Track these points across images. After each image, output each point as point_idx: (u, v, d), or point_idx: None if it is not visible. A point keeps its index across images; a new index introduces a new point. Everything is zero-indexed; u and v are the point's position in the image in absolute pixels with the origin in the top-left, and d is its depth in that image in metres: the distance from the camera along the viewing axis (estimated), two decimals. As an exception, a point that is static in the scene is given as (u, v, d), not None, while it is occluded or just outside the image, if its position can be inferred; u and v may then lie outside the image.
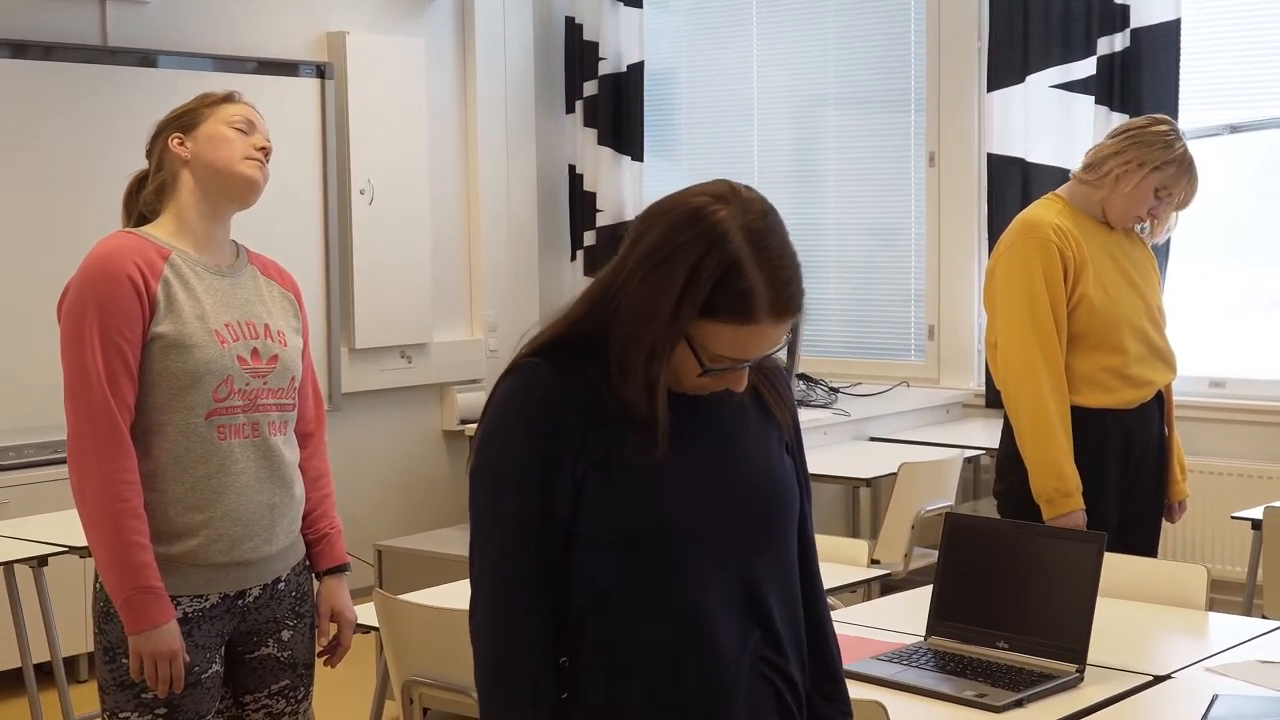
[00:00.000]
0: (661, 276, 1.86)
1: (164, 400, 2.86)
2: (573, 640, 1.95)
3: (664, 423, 1.89)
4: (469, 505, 2.00)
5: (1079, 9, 6.19)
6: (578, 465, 1.91)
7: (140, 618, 2.81)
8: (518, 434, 1.92)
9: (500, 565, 1.94)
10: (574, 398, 1.92)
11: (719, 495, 1.96)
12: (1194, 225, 6.09)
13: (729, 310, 1.85)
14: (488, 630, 1.95)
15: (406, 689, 3.26)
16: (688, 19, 7.66)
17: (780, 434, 2.06)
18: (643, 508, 1.91)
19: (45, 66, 5.78)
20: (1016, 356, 3.93)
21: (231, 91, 3.05)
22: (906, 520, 5.14)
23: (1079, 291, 3.93)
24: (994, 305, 4.03)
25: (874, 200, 7.05)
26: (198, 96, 3.04)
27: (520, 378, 1.94)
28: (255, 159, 2.98)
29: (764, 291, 1.85)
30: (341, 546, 3.17)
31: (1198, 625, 3.31)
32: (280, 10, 6.60)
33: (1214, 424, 6.04)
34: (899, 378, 6.80)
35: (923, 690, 2.81)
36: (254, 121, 3.01)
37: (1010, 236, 4.02)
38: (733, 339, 1.87)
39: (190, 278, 2.91)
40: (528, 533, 1.92)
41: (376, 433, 6.98)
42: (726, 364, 1.90)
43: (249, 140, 2.98)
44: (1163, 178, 3.98)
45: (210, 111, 2.98)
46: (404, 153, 6.91)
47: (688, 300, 1.84)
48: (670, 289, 1.85)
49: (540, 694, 1.93)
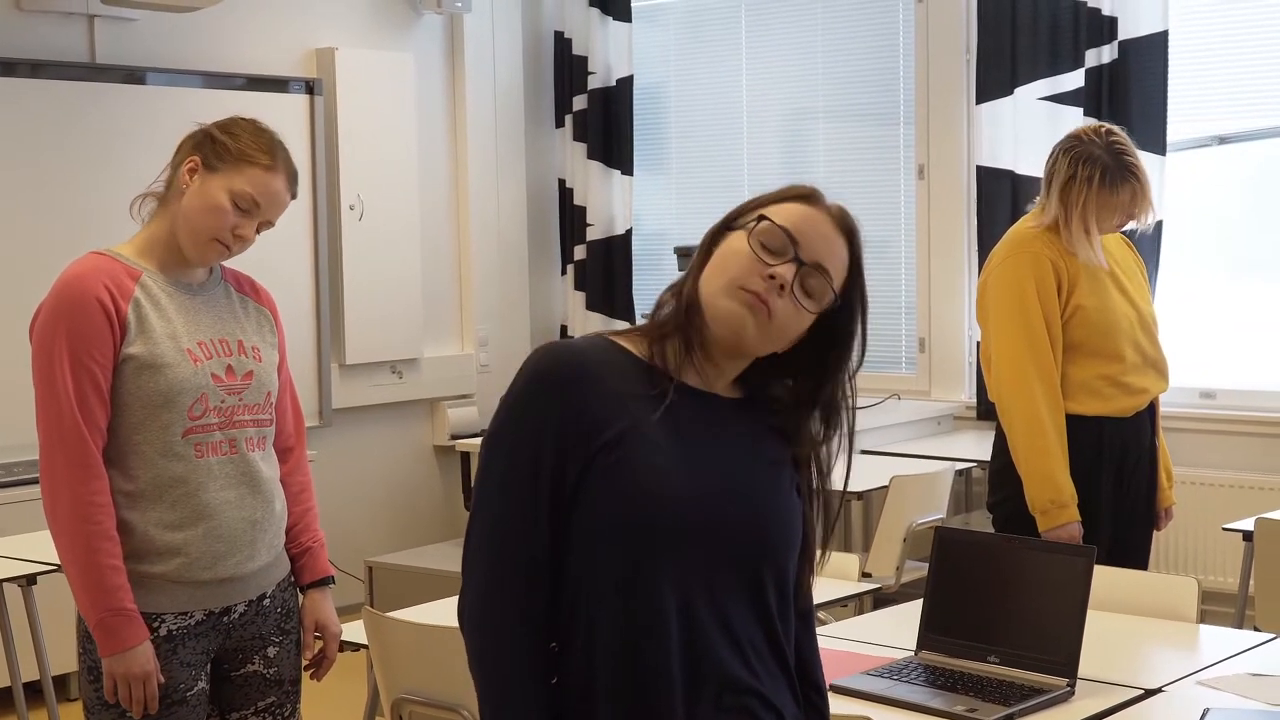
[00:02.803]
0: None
1: (139, 420, 2.85)
2: (562, 626, 1.94)
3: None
4: (477, 469, 2.00)
5: (1067, 21, 6.20)
6: (591, 443, 1.91)
7: (113, 639, 2.80)
8: (535, 405, 1.93)
9: (503, 542, 1.94)
10: (596, 373, 1.93)
11: (708, 502, 1.94)
12: (1184, 236, 6.13)
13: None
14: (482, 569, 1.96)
15: (396, 707, 3.25)
16: (677, 33, 7.67)
17: (792, 475, 2.04)
18: (640, 500, 1.90)
19: (33, 84, 5.77)
20: (1010, 369, 3.93)
21: (276, 151, 2.92)
22: (898, 533, 5.13)
23: (1074, 302, 3.93)
24: (986, 320, 4.03)
25: (863, 213, 6.78)
26: (250, 128, 2.93)
27: (545, 351, 1.97)
28: (223, 246, 2.90)
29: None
30: (325, 559, 3.16)
31: (1189, 638, 3.30)
32: (269, 27, 6.60)
33: (1205, 435, 6.04)
34: (890, 390, 6.80)
35: (913, 705, 2.80)
36: (262, 203, 2.89)
37: (1002, 251, 4.02)
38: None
39: (161, 297, 2.90)
40: (535, 507, 1.92)
41: (367, 448, 6.97)
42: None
43: (237, 223, 2.89)
44: (1118, 203, 3.95)
45: (234, 168, 2.88)
46: (394, 168, 6.90)
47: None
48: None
49: (535, 669, 1.92)
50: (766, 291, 1.92)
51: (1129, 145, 4.01)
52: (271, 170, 2.91)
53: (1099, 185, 3.92)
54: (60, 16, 5.95)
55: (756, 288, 1.92)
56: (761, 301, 1.92)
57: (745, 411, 2.02)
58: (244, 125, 2.94)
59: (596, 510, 1.91)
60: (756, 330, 1.94)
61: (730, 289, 1.93)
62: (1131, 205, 3.96)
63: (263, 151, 2.91)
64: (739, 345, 1.96)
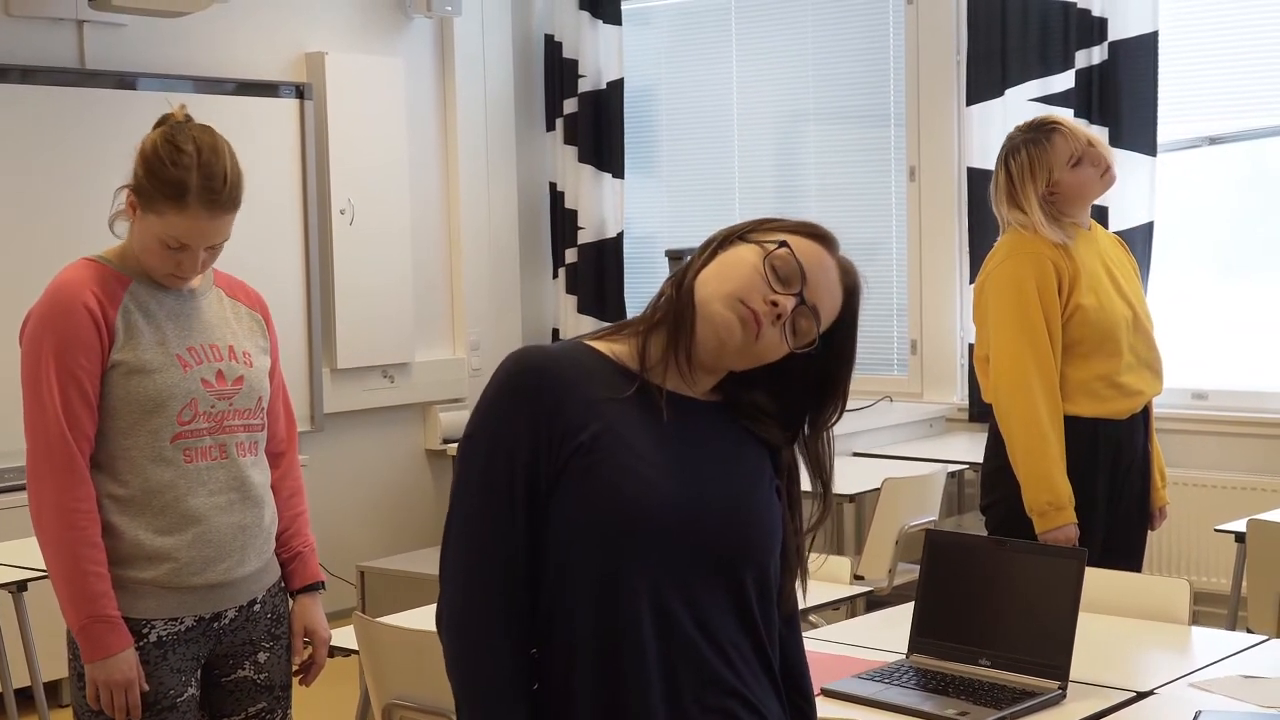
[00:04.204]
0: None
1: (128, 426, 2.85)
2: (541, 630, 1.94)
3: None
4: (453, 475, 2.00)
5: (1057, 22, 6.20)
6: (564, 446, 1.91)
7: (96, 646, 2.81)
8: (509, 409, 1.93)
9: (480, 547, 1.93)
10: (569, 377, 1.93)
11: (686, 505, 1.94)
12: (1175, 237, 6.13)
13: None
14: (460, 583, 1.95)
15: (387, 712, 3.24)
16: (667, 36, 7.67)
17: (772, 478, 2.04)
18: (616, 503, 1.90)
19: (23, 90, 5.76)
20: (1010, 369, 3.91)
21: (188, 185, 2.78)
22: (890, 536, 5.13)
23: (1074, 301, 3.91)
24: (985, 319, 4.01)
25: (855, 215, 7.05)
26: (170, 155, 2.79)
27: (518, 355, 1.97)
28: (177, 278, 2.89)
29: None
30: (315, 564, 3.16)
31: (1181, 640, 3.30)
32: (259, 31, 6.59)
33: (1197, 436, 6.04)
34: (882, 392, 6.79)
35: (904, 709, 2.80)
36: (190, 244, 2.81)
37: (1001, 251, 4.00)
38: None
39: (150, 304, 2.90)
40: (510, 511, 1.92)
41: (359, 453, 6.96)
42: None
43: (179, 259, 2.85)
44: (1058, 154, 3.95)
45: (157, 212, 2.80)
46: (384, 172, 6.90)
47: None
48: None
49: (516, 675, 1.92)
50: (764, 314, 1.93)
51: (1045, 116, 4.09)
52: (185, 210, 2.79)
53: (1028, 154, 3.95)
54: (49, 22, 5.94)
55: (756, 306, 1.93)
56: (756, 321, 1.94)
57: (724, 415, 2.02)
58: (165, 152, 2.81)
59: (572, 514, 1.91)
60: (740, 345, 1.95)
61: (730, 299, 1.94)
62: (1070, 147, 3.94)
63: (179, 193, 2.78)
64: (718, 353, 1.96)
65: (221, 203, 2.83)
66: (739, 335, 1.94)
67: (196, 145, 2.82)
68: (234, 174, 2.85)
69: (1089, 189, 3.99)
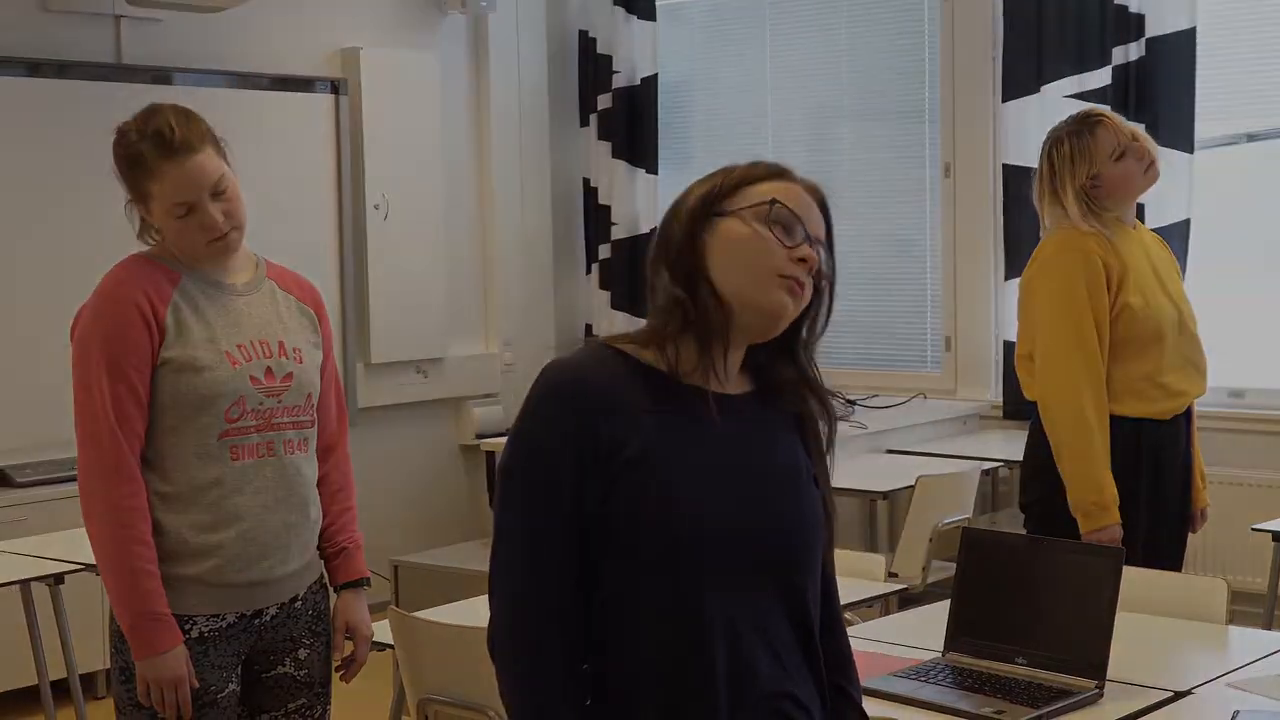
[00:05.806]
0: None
1: (176, 423, 2.86)
2: (595, 647, 1.93)
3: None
4: (495, 500, 1.98)
5: (1094, 19, 6.17)
6: (612, 461, 1.89)
7: (146, 644, 2.81)
8: (548, 429, 1.91)
9: (530, 567, 1.92)
10: (607, 388, 1.91)
11: (743, 513, 1.93)
12: (1213, 234, 6.09)
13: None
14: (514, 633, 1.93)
15: (422, 707, 3.25)
16: (701, 31, 7.66)
17: (808, 465, 2.03)
18: (673, 520, 1.89)
19: (60, 85, 5.79)
20: (1058, 368, 3.88)
21: (145, 142, 2.83)
22: (924, 533, 5.11)
23: (1121, 300, 3.88)
24: (1032, 317, 3.98)
25: (889, 211, 7.04)
26: (122, 140, 2.88)
27: (552, 373, 1.94)
28: (215, 239, 2.88)
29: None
30: (361, 561, 3.16)
31: (1218, 640, 3.28)
32: (294, 27, 6.61)
33: (1234, 434, 6.00)
34: (915, 389, 6.78)
35: (940, 707, 2.79)
36: (192, 196, 2.82)
37: (1050, 248, 3.96)
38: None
39: (200, 300, 2.90)
40: (558, 530, 1.90)
41: (393, 448, 6.98)
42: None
43: (202, 219, 2.85)
44: (1101, 147, 3.93)
45: (146, 189, 2.85)
46: (418, 167, 6.91)
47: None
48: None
49: (570, 694, 1.91)
50: (800, 274, 1.93)
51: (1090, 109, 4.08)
52: (155, 173, 2.83)
53: (1070, 145, 3.93)
54: (86, 17, 5.97)
55: (792, 271, 1.93)
56: (799, 284, 1.93)
57: (759, 406, 2.00)
58: (117, 145, 2.88)
59: (627, 530, 1.89)
60: (792, 314, 1.95)
61: (767, 279, 1.93)
62: (1114, 140, 3.92)
63: (141, 162, 2.84)
64: (767, 332, 1.96)
65: (178, 148, 2.84)
66: (791, 307, 1.94)
67: (134, 121, 2.89)
68: (179, 120, 2.87)
69: (1132, 183, 3.97)
